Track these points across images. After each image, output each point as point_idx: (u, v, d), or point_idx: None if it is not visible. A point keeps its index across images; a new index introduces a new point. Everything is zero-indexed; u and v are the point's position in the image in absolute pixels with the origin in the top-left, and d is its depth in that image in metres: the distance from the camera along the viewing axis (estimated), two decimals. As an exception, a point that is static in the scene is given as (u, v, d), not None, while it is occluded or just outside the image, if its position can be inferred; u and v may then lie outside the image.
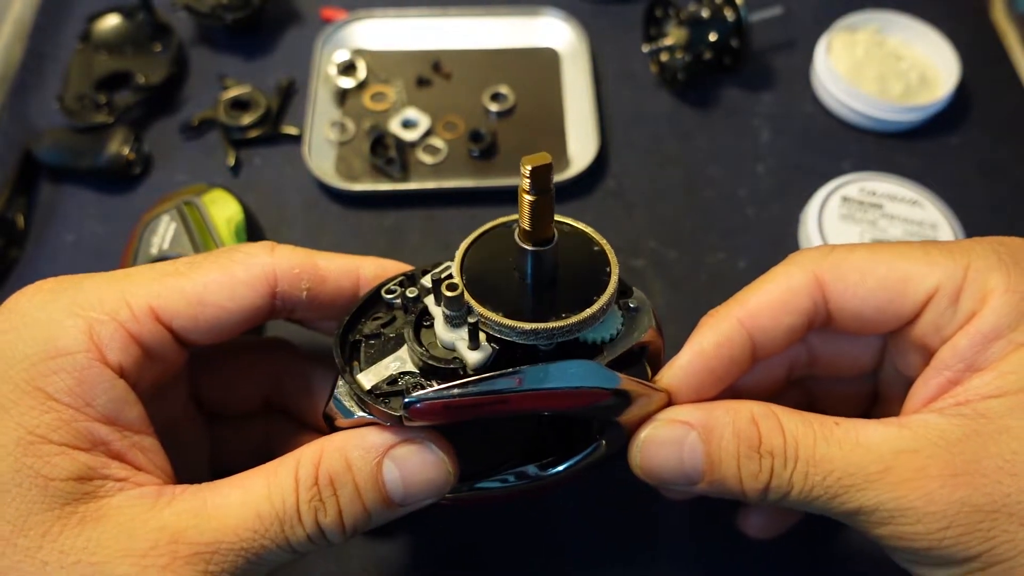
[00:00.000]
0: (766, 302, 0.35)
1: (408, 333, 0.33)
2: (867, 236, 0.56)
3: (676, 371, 0.35)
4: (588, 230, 0.34)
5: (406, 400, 0.30)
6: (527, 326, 0.30)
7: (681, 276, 0.56)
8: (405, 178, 0.60)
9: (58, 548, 0.28)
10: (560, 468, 0.36)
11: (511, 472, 0.36)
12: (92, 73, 0.63)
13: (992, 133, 0.64)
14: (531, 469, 0.36)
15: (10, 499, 0.28)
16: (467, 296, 0.31)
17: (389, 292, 0.35)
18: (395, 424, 0.31)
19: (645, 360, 0.35)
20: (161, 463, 0.32)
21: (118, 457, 0.30)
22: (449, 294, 0.30)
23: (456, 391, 0.30)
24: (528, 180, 0.29)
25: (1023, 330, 0.31)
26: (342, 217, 0.59)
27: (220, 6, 0.64)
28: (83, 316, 0.31)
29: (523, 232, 0.31)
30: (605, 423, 0.35)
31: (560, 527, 0.46)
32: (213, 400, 0.41)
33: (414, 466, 0.32)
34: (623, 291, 0.35)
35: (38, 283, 0.32)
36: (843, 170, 0.61)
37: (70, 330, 0.30)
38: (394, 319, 0.35)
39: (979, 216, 0.58)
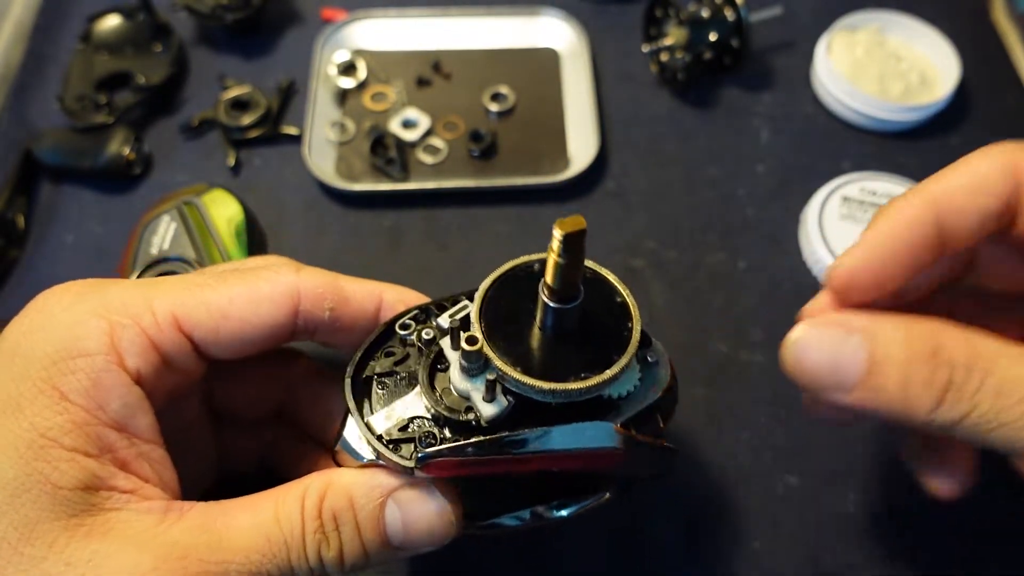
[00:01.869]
0: (958, 184, 0.30)
1: (422, 378, 0.32)
2: (867, 236, 0.56)
3: (848, 261, 0.31)
4: (612, 278, 0.34)
5: (419, 456, 0.30)
6: (546, 386, 0.30)
7: (681, 276, 0.56)
8: (405, 178, 0.60)
9: (63, 560, 0.28)
10: (564, 512, 0.36)
11: (515, 515, 0.36)
12: (92, 73, 0.63)
13: (992, 133, 0.64)
14: (536, 511, 0.36)
15: (20, 504, 0.28)
16: (486, 350, 0.31)
17: (403, 327, 0.35)
18: (405, 473, 0.32)
19: (658, 415, 0.34)
20: (168, 477, 0.32)
21: (124, 466, 0.30)
22: (468, 348, 0.30)
23: (469, 450, 0.30)
24: (560, 244, 0.28)
25: None
26: (342, 217, 0.59)
27: (220, 6, 0.64)
28: (106, 318, 0.31)
29: (548, 288, 0.30)
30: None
31: (556, 534, 0.46)
32: (225, 406, 0.41)
33: (417, 513, 0.32)
34: (642, 342, 0.34)
35: (67, 284, 0.32)
36: (843, 170, 0.61)
37: (92, 331, 0.30)
38: (408, 356, 0.34)
39: (979, 216, 0.58)
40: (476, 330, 0.31)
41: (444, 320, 0.34)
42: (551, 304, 0.30)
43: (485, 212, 0.59)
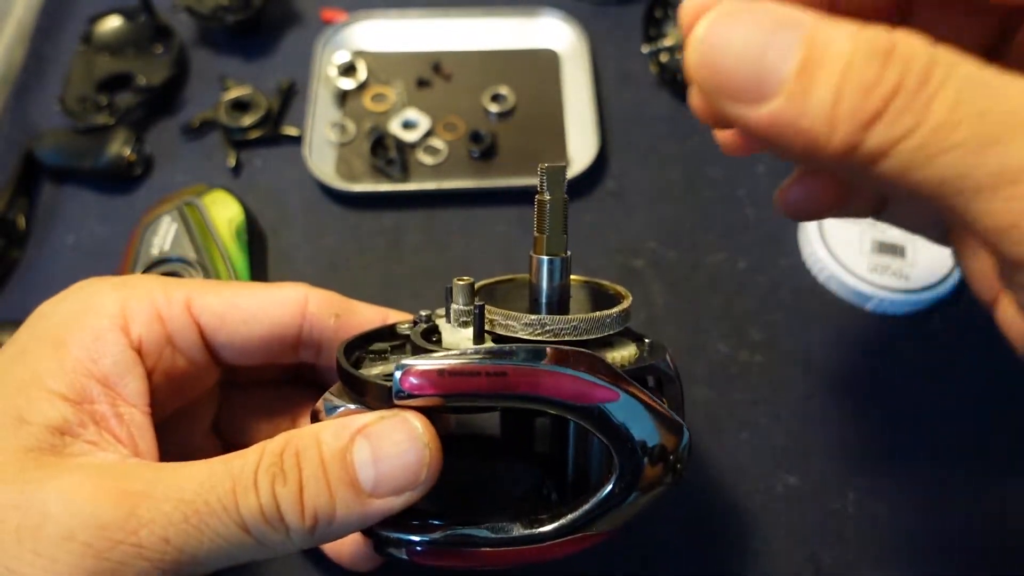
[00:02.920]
0: None
1: (413, 336, 0.33)
2: (867, 236, 0.56)
3: None
4: (604, 282, 0.36)
5: (399, 363, 0.28)
6: (532, 317, 0.31)
7: (681, 276, 0.56)
8: (405, 179, 0.60)
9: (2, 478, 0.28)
10: (550, 528, 0.32)
11: (496, 525, 0.32)
12: (93, 74, 0.63)
13: (992, 133, 0.64)
14: (519, 527, 0.32)
15: None
16: (476, 294, 0.32)
17: (402, 326, 0.37)
18: (384, 402, 0.30)
19: (660, 393, 0.34)
20: (144, 445, 0.31)
21: (100, 421, 0.31)
22: (461, 283, 0.31)
23: (452, 359, 0.29)
24: (543, 178, 0.31)
25: None
26: (342, 217, 0.59)
27: (221, 8, 0.65)
28: (122, 291, 0.33)
29: (537, 241, 0.31)
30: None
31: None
32: (234, 436, 0.41)
33: (388, 441, 0.29)
34: (639, 337, 0.35)
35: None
36: (843, 170, 0.61)
37: (105, 298, 0.33)
38: (404, 345, 0.35)
39: (979, 216, 0.58)
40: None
41: (442, 311, 0.35)
42: (541, 257, 0.31)
43: (485, 212, 0.59)
